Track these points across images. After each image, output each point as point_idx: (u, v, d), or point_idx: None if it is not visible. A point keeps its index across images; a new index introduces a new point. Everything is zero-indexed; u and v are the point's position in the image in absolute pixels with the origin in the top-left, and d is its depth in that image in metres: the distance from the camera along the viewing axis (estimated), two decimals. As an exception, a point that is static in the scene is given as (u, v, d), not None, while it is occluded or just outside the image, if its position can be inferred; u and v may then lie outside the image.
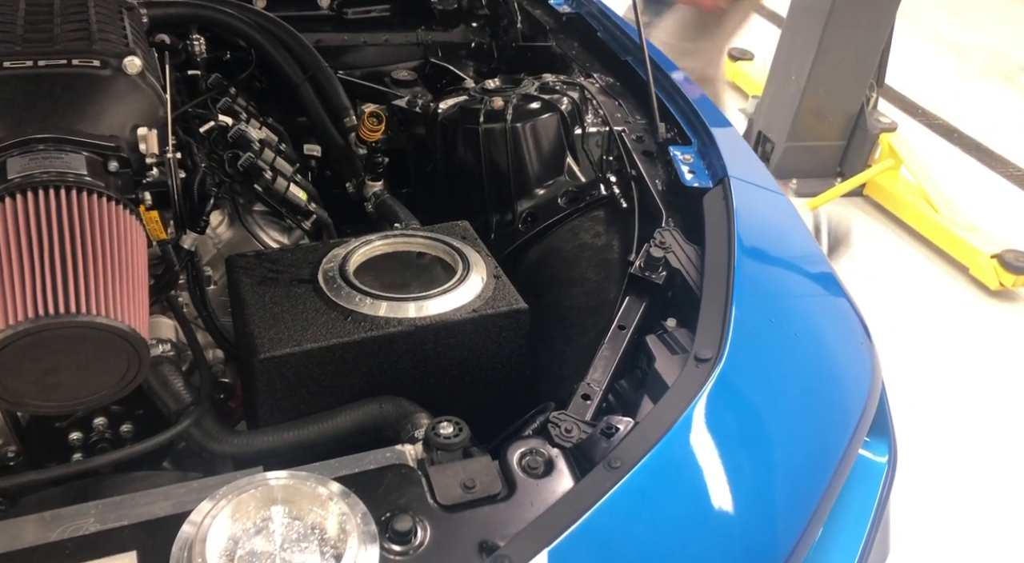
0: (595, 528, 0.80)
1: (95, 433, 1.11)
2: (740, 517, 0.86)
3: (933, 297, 3.23)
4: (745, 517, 0.86)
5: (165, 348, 1.13)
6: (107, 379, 0.87)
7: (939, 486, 2.31)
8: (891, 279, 3.30)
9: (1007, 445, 2.49)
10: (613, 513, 0.82)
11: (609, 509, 0.82)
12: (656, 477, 0.85)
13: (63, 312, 0.80)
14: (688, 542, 0.83)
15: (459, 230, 1.29)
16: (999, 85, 5.06)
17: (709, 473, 0.88)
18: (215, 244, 1.31)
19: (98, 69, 1.01)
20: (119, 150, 0.99)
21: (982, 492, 2.32)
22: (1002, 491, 2.33)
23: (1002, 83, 5.08)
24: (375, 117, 1.46)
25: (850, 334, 1.10)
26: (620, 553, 0.80)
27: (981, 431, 2.52)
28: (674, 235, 1.22)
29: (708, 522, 0.85)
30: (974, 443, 2.47)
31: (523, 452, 0.93)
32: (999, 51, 5.41)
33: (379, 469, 0.90)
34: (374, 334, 1.08)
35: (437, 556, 0.81)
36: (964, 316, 3.13)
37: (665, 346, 1.08)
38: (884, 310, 3.01)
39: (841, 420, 0.97)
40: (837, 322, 1.12)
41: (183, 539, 0.78)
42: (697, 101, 1.46)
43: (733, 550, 0.83)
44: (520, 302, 1.15)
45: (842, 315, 1.12)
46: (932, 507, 2.24)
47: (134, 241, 0.92)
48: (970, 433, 2.51)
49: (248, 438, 1.05)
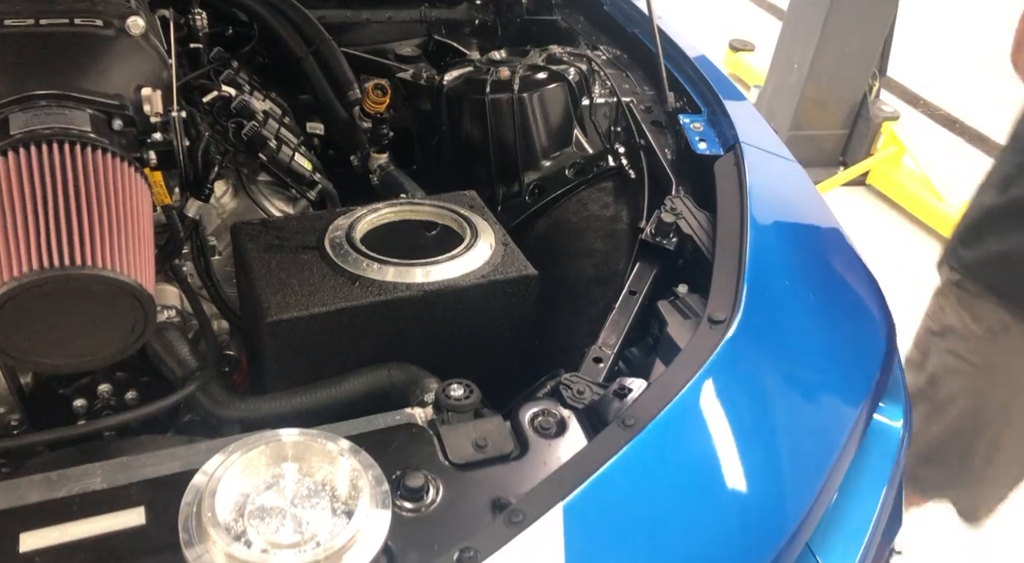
0: (609, 484, 0.79)
1: (100, 400, 1.09)
2: (754, 477, 0.85)
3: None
4: (759, 477, 0.85)
5: (170, 314, 1.11)
6: (113, 336, 0.85)
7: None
8: (895, 267, 3.29)
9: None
10: (627, 470, 0.80)
11: (623, 466, 0.80)
12: (670, 435, 0.84)
13: (68, 265, 0.78)
14: (701, 500, 0.81)
15: (466, 199, 1.28)
16: (1000, 76, 5.04)
17: (723, 432, 0.87)
18: (219, 214, 1.30)
19: (100, 28, 1.00)
20: (123, 109, 0.98)
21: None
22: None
23: (1003, 74, 5.06)
24: (379, 89, 1.44)
25: (865, 298, 1.08)
26: (634, 509, 0.79)
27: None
28: (685, 202, 1.20)
29: (721, 481, 0.83)
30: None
31: (535, 413, 0.92)
32: (1000, 42, 5.39)
33: (390, 429, 0.89)
34: (382, 299, 1.06)
35: (449, 513, 0.80)
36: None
37: (677, 311, 1.06)
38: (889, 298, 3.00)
39: (857, 382, 0.96)
40: (852, 286, 1.11)
41: (193, 494, 0.77)
42: (707, 71, 1.44)
43: (746, 509, 0.82)
44: (529, 268, 1.14)
45: (857, 279, 1.11)
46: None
47: (139, 198, 0.91)
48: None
49: (255, 403, 1.03)
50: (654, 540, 0.78)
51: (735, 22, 5.26)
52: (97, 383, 1.09)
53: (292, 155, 1.32)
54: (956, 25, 5.62)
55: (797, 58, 3.69)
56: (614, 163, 1.40)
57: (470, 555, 0.73)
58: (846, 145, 3.88)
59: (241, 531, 0.76)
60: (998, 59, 4.48)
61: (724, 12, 5.51)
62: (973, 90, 4.82)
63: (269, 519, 0.77)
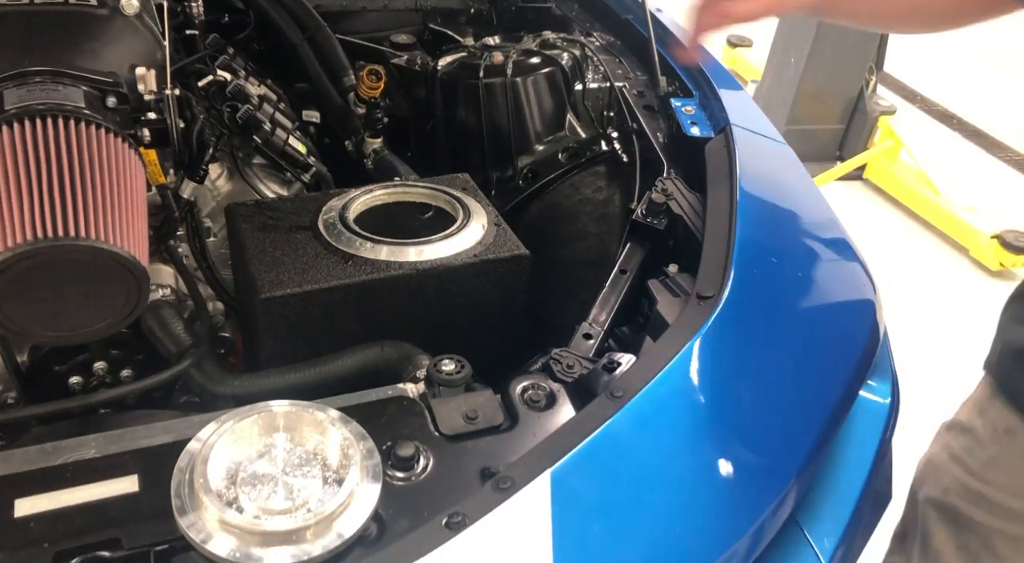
0: (597, 452, 0.80)
1: (95, 378, 1.10)
2: (739, 447, 0.86)
3: (936, 278, 3.22)
4: (744, 447, 0.86)
5: (165, 293, 1.12)
6: (106, 309, 0.86)
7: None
8: (893, 261, 3.30)
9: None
10: (614, 438, 0.81)
11: (610, 434, 0.81)
12: (657, 406, 0.85)
13: (62, 235, 0.79)
14: (687, 469, 0.82)
15: (460, 182, 1.29)
16: (997, 72, 5.06)
17: (710, 404, 0.88)
18: (214, 196, 1.31)
19: (95, 8, 1.01)
20: (117, 86, 0.99)
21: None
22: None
23: (1000, 70, 5.07)
24: (374, 74, 1.45)
25: (852, 275, 1.09)
26: (621, 476, 0.80)
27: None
28: (676, 183, 1.21)
29: (707, 450, 0.84)
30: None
31: (525, 386, 0.93)
32: (996, 39, 5.41)
33: (381, 401, 0.90)
34: (374, 277, 1.07)
35: (439, 482, 0.81)
36: (967, 297, 3.12)
37: (667, 289, 1.07)
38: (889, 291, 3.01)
39: (843, 357, 0.97)
40: (839, 264, 1.12)
41: (186, 460, 0.78)
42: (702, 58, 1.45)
43: (731, 478, 0.83)
44: (521, 248, 1.15)
45: (844, 257, 1.12)
46: None
47: (133, 173, 0.92)
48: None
49: (249, 379, 1.04)
50: (640, 507, 0.79)
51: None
52: (93, 360, 1.10)
53: (286, 138, 1.33)
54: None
55: (794, 53, 3.70)
56: (607, 147, 1.41)
57: (458, 520, 0.74)
58: (843, 140, 3.89)
59: (233, 498, 0.77)
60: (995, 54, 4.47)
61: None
62: (970, 85, 4.83)
63: (261, 486, 0.78)
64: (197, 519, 0.74)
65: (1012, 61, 5.13)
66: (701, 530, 0.77)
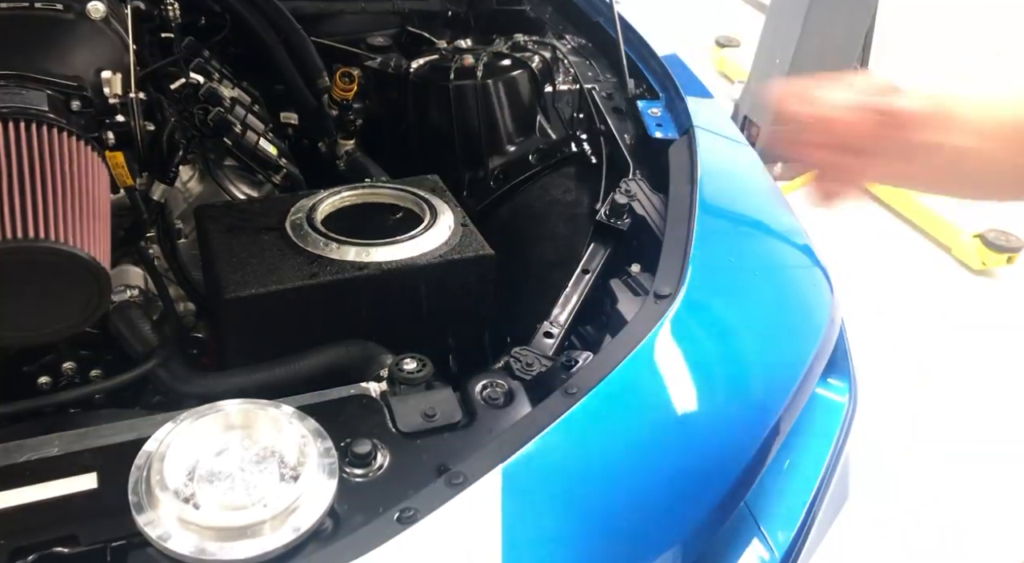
0: (549, 448, 0.82)
1: (64, 378, 1.12)
2: (690, 441, 0.88)
3: (919, 277, 3.25)
4: (696, 441, 0.88)
5: (133, 294, 1.13)
6: (69, 309, 0.88)
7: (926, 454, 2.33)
8: (877, 260, 3.33)
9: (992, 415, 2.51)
10: (567, 434, 0.83)
11: (563, 431, 0.83)
12: (610, 402, 0.87)
13: (22, 237, 0.81)
14: (638, 463, 0.84)
15: (428, 183, 1.30)
16: (981, 70, 5.10)
17: (663, 400, 0.90)
18: (186, 198, 1.32)
19: (61, 12, 1.02)
20: (81, 90, 1.00)
21: (967, 460, 2.34)
22: (986, 460, 2.34)
23: (987, 68, 5.11)
24: (347, 77, 1.47)
25: (809, 275, 1.11)
26: (573, 472, 0.82)
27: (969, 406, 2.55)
28: (640, 184, 1.23)
29: (659, 445, 0.86)
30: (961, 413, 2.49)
31: (484, 384, 0.95)
32: (980, 36, 5.45)
33: (340, 399, 0.92)
34: (340, 277, 1.09)
35: (396, 478, 0.83)
36: (950, 295, 3.15)
37: (628, 289, 1.09)
38: (871, 290, 3.04)
39: (797, 353, 0.99)
40: (797, 263, 1.14)
41: (142, 460, 0.79)
42: (667, 59, 1.47)
43: (682, 471, 0.85)
44: (486, 248, 1.17)
45: (803, 257, 1.14)
46: (919, 479, 2.26)
47: (95, 177, 0.93)
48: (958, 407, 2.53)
49: (215, 379, 1.06)
50: (589, 502, 0.80)
51: (722, 18, 5.30)
52: (61, 361, 1.12)
53: (257, 141, 1.35)
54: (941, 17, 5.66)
55: (779, 52, 3.72)
56: (576, 148, 1.43)
57: (410, 514, 0.75)
58: (828, 139, 3.91)
59: (190, 494, 0.78)
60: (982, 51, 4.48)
61: (711, 9, 5.55)
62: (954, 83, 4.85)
63: (218, 483, 0.79)
64: (154, 516, 0.75)
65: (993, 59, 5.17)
66: (650, 523, 0.79)
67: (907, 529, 2.12)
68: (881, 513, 2.11)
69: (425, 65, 1.53)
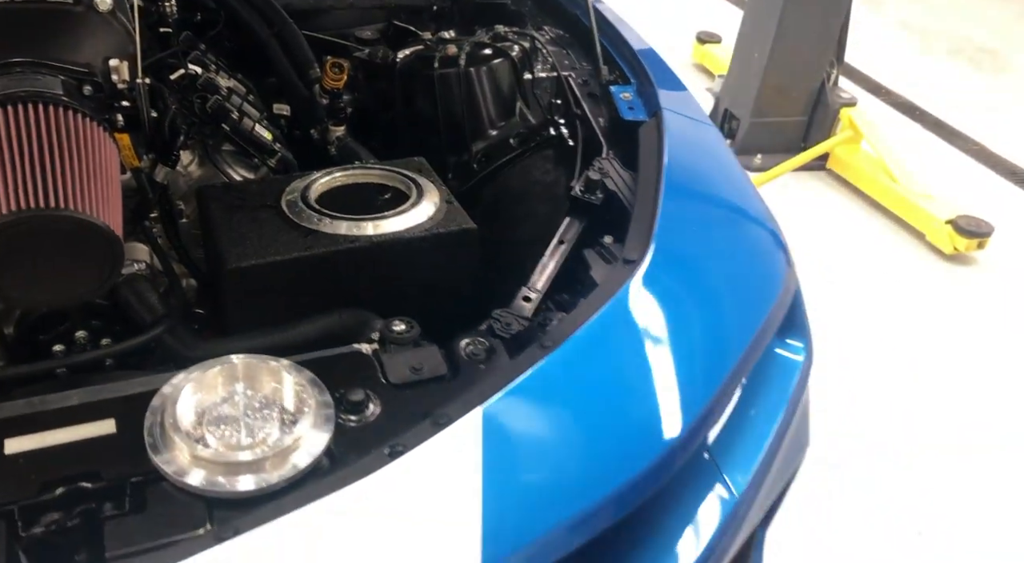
0: (525, 391, 0.90)
1: (76, 345, 1.19)
2: (654, 385, 0.97)
3: (893, 262, 3.36)
4: (659, 385, 0.97)
5: (140, 267, 1.21)
6: (84, 276, 0.96)
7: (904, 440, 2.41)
8: (853, 246, 3.43)
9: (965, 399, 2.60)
10: (542, 379, 0.92)
11: (538, 377, 0.92)
12: (582, 352, 0.96)
13: (43, 206, 0.89)
14: (606, 406, 0.93)
15: (414, 164, 1.39)
16: (963, 67, 5.21)
17: (629, 349, 0.99)
18: (187, 181, 1.40)
19: (71, 5, 1.10)
20: (92, 76, 1.08)
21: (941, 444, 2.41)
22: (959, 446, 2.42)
23: (966, 65, 5.23)
24: (337, 67, 1.55)
25: (765, 240, 1.20)
26: (547, 414, 0.91)
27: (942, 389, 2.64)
28: (612, 163, 1.32)
29: (626, 389, 0.95)
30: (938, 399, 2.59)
31: (467, 342, 1.03)
32: (963, 34, 5.56)
33: (335, 355, 1.00)
34: (333, 249, 1.17)
35: (387, 423, 0.91)
36: (922, 281, 3.26)
37: (600, 258, 1.18)
38: (847, 277, 3.14)
39: (752, 310, 1.08)
40: (755, 231, 1.23)
41: (155, 405, 0.87)
42: (643, 53, 1.56)
43: (647, 412, 0.94)
44: (469, 223, 1.25)
45: (760, 225, 1.23)
46: (898, 465, 2.34)
47: (108, 154, 1.01)
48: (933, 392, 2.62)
49: (219, 344, 1.13)
50: (563, 439, 0.89)
51: (704, 15, 5.40)
52: (74, 330, 1.19)
53: (252, 127, 1.43)
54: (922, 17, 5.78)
55: (757, 47, 3.81)
56: (554, 132, 1.52)
57: (399, 449, 0.84)
58: (807, 131, 4.01)
59: (200, 436, 0.87)
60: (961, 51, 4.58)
61: (693, 5, 5.65)
62: (936, 80, 4.97)
63: (225, 426, 0.88)
64: (169, 454, 0.84)
65: (977, 57, 5.29)
66: (612, 456, 0.88)
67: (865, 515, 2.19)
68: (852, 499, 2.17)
69: (411, 55, 1.61)
